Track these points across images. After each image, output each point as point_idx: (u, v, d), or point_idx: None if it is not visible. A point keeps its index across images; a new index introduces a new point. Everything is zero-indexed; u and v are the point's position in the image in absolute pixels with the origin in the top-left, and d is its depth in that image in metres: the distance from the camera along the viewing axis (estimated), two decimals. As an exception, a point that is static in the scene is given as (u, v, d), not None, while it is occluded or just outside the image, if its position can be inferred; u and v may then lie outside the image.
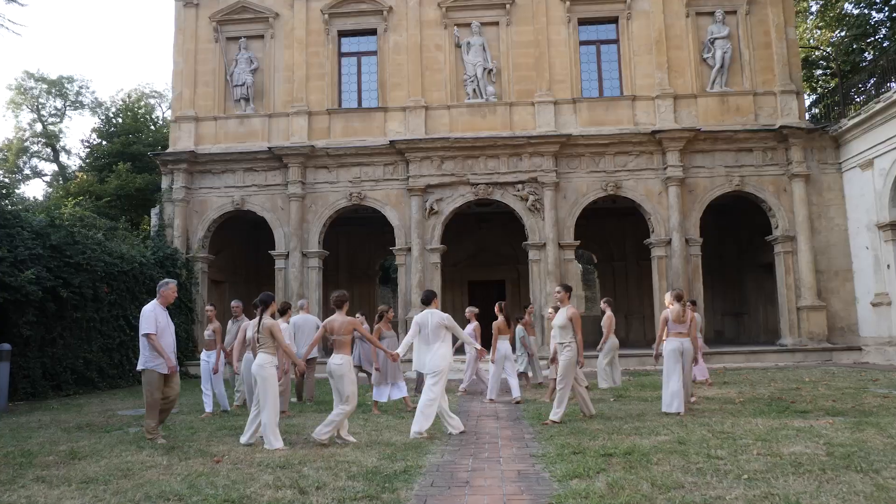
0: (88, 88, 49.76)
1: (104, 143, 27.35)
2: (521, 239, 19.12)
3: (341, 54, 19.66)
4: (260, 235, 21.72)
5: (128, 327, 15.27)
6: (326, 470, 5.63)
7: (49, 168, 38.41)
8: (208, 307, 10.87)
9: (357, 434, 7.40)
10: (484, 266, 24.05)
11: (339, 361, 7.07)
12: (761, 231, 19.96)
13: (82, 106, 38.32)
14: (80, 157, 31.70)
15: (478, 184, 18.32)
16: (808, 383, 11.57)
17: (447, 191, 18.45)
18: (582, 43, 19.11)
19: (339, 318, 7.22)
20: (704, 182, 18.22)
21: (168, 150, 19.20)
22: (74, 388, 13.32)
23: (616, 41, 19.12)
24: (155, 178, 22.57)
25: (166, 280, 7.78)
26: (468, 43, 18.81)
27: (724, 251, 22.68)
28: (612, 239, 23.95)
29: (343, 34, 19.59)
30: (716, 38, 18.60)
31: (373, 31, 19.42)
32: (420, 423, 7.30)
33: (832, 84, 23.99)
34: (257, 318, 7.18)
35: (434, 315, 7.64)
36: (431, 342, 7.51)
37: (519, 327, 12.63)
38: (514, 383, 10.59)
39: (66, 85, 37.32)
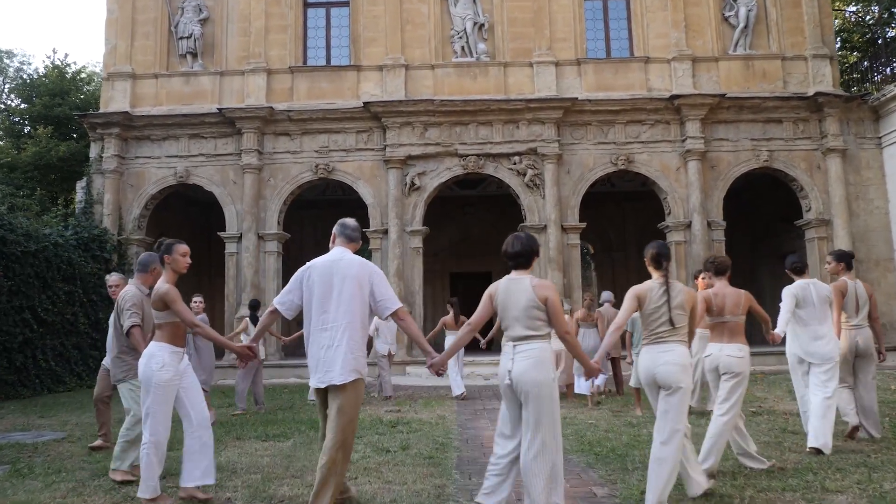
0: (31, 65, 45.74)
1: (22, 104, 23.75)
2: (511, 225, 16.35)
3: (307, 4, 16.78)
4: (211, 217, 18.72)
5: (35, 322, 12.20)
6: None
7: (-13, 151, 34.58)
8: None
9: (374, 472, 4.61)
10: (468, 256, 21.29)
11: (740, 354, 4.91)
12: (781, 217, 17.72)
13: (24, 84, 34.69)
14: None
15: (467, 155, 15.61)
16: (900, 392, 9.12)
17: (431, 163, 15.71)
18: (587, -3, 16.60)
19: (730, 291, 5.06)
20: (728, 157, 15.81)
21: (98, 111, 16.11)
22: (-49, 399, 10.28)
23: (626, -5, 16.63)
24: (83, 147, 19.29)
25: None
26: (456, -7, 16.15)
27: (736, 239, 20.23)
28: (612, 226, 21.45)
29: (309, -20, 16.75)
30: (739, -6, 16.26)
31: (345, -22, 16.62)
32: (824, 434, 5.48)
33: (850, 59, 21.89)
34: (659, 280, 4.18)
35: (818, 286, 5.89)
36: (814, 322, 5.75)
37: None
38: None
39: (4, 60, 33.71)
